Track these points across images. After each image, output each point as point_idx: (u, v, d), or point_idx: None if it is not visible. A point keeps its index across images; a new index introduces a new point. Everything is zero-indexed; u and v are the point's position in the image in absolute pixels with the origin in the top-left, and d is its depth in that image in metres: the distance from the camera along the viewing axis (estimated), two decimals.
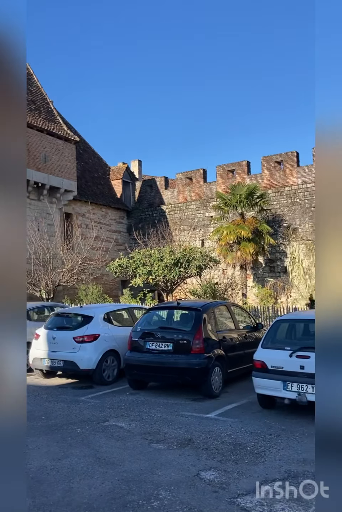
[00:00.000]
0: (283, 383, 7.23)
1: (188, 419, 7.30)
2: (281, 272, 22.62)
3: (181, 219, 26.59)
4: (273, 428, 6.81)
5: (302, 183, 22.50)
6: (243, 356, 9.64)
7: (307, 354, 7.20)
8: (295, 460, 5.57)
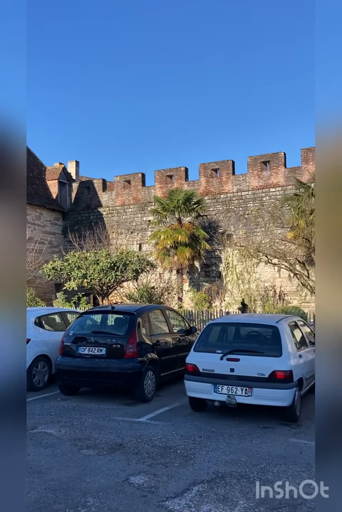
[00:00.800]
0: (213, 385, 7.38)
1: (119, 424, 7.25)
2: (216, 276, 23.13)
3: (119, 222, 26.44)
4: (203, 430, 6.93)
5: (237, 191, 23.18)
6: (176, 360, 9.73)
7: (237, 357, 7.40)
8: (223, 461, 5.69)
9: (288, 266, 19.75)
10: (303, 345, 8.54)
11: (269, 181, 22.51)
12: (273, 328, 7.86)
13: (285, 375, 7.07)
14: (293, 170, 22.13)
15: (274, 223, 21.18)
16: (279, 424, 7.25)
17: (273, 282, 21.30)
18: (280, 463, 5.63)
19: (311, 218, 18.99)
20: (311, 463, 5.61)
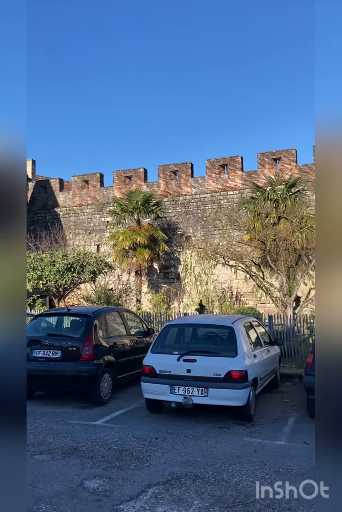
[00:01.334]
0: (170, 387, 7.39)
1: (75, 428, 7.12)
2: (175, 278, 23.24)
3: (76, 222, 26.06)
4: (159, 432, 6.92)
5: (196, 194, 23.39)
6: (134, 362, 9.68)
7: (194, 358, 7.45)
8: (179, 462, 5.71)
9: (245, 267, 20.09)
10: (258, 345, 8.71)
11: (227, 184, 22.85)
12: (228, 328, 7.97)
13: (240, 375, 7.18)
14: (249, 174, 22.57)
15: (231, 226, 21.51)
16: (234, 423, 7.35)
17: (230, 283, 21.63)
18: (234, 462, 5.71)
19: (267, 221, 19.42)
20: (264, 461, 5.73)
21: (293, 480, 5.16)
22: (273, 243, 18.89)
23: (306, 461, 5.71)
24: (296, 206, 19.47)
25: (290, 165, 21.81)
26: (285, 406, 8.48)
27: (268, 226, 19.30)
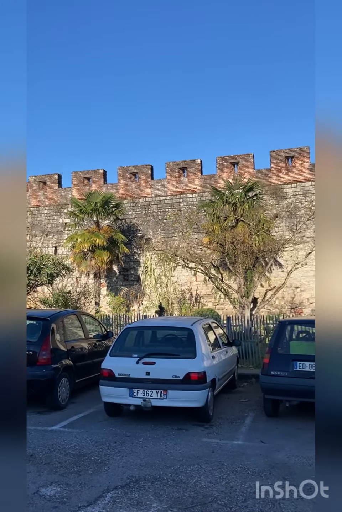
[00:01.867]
0: (129, 390, 7.36)
1: (31, 434, 6.96)
2: (135, 280, 23.17)
3: (33, 224, 25.50)
4: (118, 435, 6.88)
5: (156, 196, 23.44)
6: (92, 366, 9.58)
7: (153, 360, 7.46)
8: (138, 465, 5.70)
9: (204, 270, 20.31)
10: (216, 347, 8.83)
11: (187, 187, 23.03)
12: (187, 330, 8.03)
13: (199, 376, 7.25)
14: (209, 177, 22.85)
15: (191, 228, 21.71)
16: (193, 425, 7.41)
17: (189, 285, 21.80)
18: (193, 463, 5.76)
19: (225, 224, 19.73)
20: (222, 461, 5.81)
21: (250, 478, 5.27)
22: (231, 246, 19.20)
23: (262, 460, 5.83)
24: (253, 209, 19.88)
25: (247, 169, 22.24)
26: (243, 406, 8.64)
27: (227, 229, 19.61)
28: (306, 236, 20.35)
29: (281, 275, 20.27)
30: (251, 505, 4.62)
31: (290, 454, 6.02)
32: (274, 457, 5.92)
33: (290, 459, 5.86)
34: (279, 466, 5.63)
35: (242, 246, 19.08)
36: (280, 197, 21.12)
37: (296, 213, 20.78)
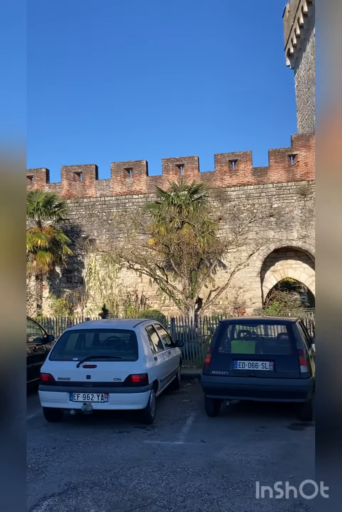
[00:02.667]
0: (69, 394, 7.20)
1: None
2: (78, 282, 22.74)
3: None
4: (57, 441, 6.71)
5: (100, 196, 23.15)
6: (32, 370, 9.25)
7: (94, 364, 7.34)
8: (76, 471, 5.57)
9: (149, 271, 20.31)
10: (159, 348, 8.83)
11: (132, 188, 22.94)
12: (130, 332, 7.98)
13: (141, 378, 7.21)
14: (154, 179, 22.88)
15: (136, 229, 21.64)
16: (135, 427, 7.36)
17: (135, 287, 21.70)
18: (133, 466, 5.71)
19: (171, 226, 19.82)
20: (163, 462, 5.81)
21: (189, 478, 5.30)
22: (177, 247, 19.33)
23: (202, 459, 5.89)
24: (198, 211, 20.12)
25: (192, 171, 22.48)
26: (185, 406, 8.69)
27: (172, 231, 19.71)
28: (249, 238, 20.88)
29: (225, 276, 20.66)
30: (189, 505, 4.65)
31: (230, 452, 6.12)
32: (213, 456, 5.99)
33: (229, 457, 5.95)
34: (218, 464, 5.71)
35: (187, 247, 19.26)
36: (224, 200, 21.53)
37: (239, 215, 21.27)
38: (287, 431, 7.01)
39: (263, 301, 21.09)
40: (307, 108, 23.39)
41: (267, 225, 21.01)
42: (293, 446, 6.36)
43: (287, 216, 20.96)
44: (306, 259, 21.49)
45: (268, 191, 21.30)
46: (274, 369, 7.38)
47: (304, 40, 22.97)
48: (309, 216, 20.75)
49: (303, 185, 20.94)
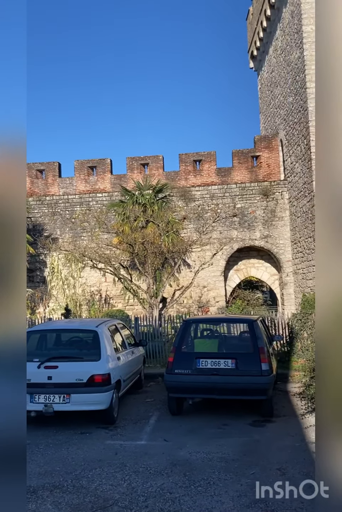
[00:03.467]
0: (30, 395, 7.04)
1: None
2: (41, 282, 22.29)
3: None
4: None
5: (64, 194, 22.80)
6: None
7: (55, 364, 7.22)
8: (36, 474, 5.46)
9: (113, 270, 20.17)
10: (122, 348, 8.78)
11: (96, 186, 22.70)
12: (92, 332, 7.89)
13: (103, 379, 7.15)
14: (119, 177, 22.73)
15: (100, 228, 21.43)
16: (97, 428, 7.29)
17: (99, 286, 21.50)
18: (95, 467, 5.65)
19: (135, 225, 19.76)
20: (125, 462, 5.77)
21: (152, 477, 5.29)
22: (141, 246, 19.29)
23: (165, 458, 5.89)
24: (163, 211, 20.15)
25: (157, 171, 22.47)
26: (148, 406, 8.68)
27: (136, 230, 19.66)
28: (213, 238, 21.08)
29: (189, 275, 20.78)
30: (151, 504, 4.64)
31: (192, 450, 6.15)
32: (176, 455, 6.00)
33: (192, 455, 5.98)
34: (181, 463, 5.73)
35: (152, 246, 19.26)
36: (188, 200, 21.64)
37: (203, 215, 21.43)
38: (249, 428, 7.12)
39: (227, 299, 21.35)
40: (269, 110, 23.82)
41: (230, 225, 21.27)
42: (254, 442, 6.46)
43: (250, 216, 21.29)
44: (268, 259, 21.90)
45: (231, 191, 21.57)
46: (236, 367, 7.47)
47: (267, 43, 23.36)
48: (271, 216, 21.15)
49: (265, 186, 21.31)
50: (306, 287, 18.21)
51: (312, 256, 17.48)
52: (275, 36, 21.84)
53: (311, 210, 17.37)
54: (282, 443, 6.36)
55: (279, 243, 20.97)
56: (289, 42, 19.35)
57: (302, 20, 17.38)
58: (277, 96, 22.20)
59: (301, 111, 18.07)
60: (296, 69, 18.56)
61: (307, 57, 17.26)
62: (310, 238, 17.72)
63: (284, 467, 5.45)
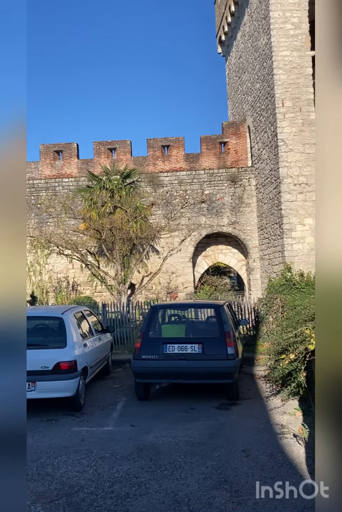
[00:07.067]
0: None
1: None
2: None
3: None
4: None
5: (29, 179, 22.26)
6: None
7: None
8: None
9: (80, 257, 19.95)
10: (89, 334, 8.71)
11: (62, 171, 22.28)
12: (58, 319, 7.79)
13: (69, 366, 7.08)
14: (86, 162, 22.37)
15: (67, 214, 21.09)
16: (64, 415, 7.23)
17: (66, 273, 21.22)
18: (60, 454, 5.61)
19: (102, 210, 19.54)
20: (91, 449, 5.75)
21: (118, 462, 5.29)
22: (109, 232, 19.12)
23: (131, 443, 5.90)
24: (131, 196, 19.99)
25: (125, 156, 22.22)
26: (115, 391, 8.66)
27: (104, 215, 19.45)
28: (181, 224, 21.10)
29: (158, 261, 20.77)
30: (117, 489, 4.65)
31: (159, 435, 6.18)
32: (143, 440, 6.02)
33: (158, 439, 6.02)
34: (147, 447, 5.75)
35: (120, 233, 19.12)
36: (157, 185, 21.53)
37: (172, 201, 21.39)
38: (215, 411, 7.22)
39: (195, 285, 21.48)
40: (237, 96, 23.87)
41: (199, 211, 21.32)
42: (220, 425, 6.55)
43: (218, 202, 21.40)
44: (235, 245, 22.12)
45: (200, 177, 21.59)
46: (203, 351, 7.54)
47: (235, 29, 23.31)
48: (238, 203, 21.32)
49: (233, 172, 21.44)
50: (272, 272, 18.52)
51: (278, 242, 17.76)
52: (243, 21, 21.83)
53: (277, 196, 17.61)
54: (247, 425, 6.48)
55: (246, 229, 21.20)
56: (257, 27, 19.39)
57: (269, 5, 17.41)
58: (244, 82, 22.26)
59: (268, 97, 18.19)
60: (263, 55, 18.63)
61: (274, 43, 17.33)
62: (276, 224, 17.98)
63: (248, 449, 5.55)
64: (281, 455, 5.34)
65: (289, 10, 17.34)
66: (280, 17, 17.33)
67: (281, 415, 6.78)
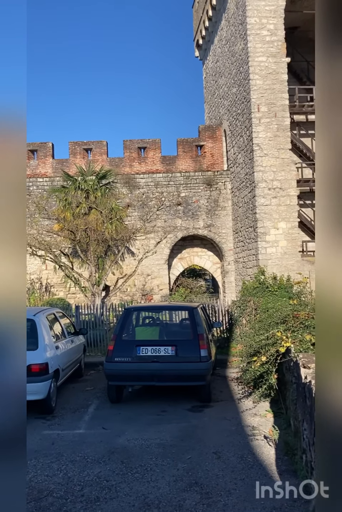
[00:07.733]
0: None
1: None
2: None
3: None
4: None
5: None
6: None
7: None
8: None
9: (53, 258, 19.71)
10: (62, 336, 8.61)
11: (37, 171, 21.98)
12: (30, 321, 7.65)
13: (41, 368, 6.98)
14: (61, 162, 22.14)
15: (40, 214, 20.80)
16: (35, 418, 7.12)
17: (39, 274, 20.92)
18: (30, 458, 5.51)
19: (77, 211, 19.36)
20: (62, 452, 5.68)
21: (89, 466, 5.24)
22: (83, 233, 18.95)
23: (103, 446, 5.85)
24: (106, 197, 19.88)
25: (101, 156, 22.09)
26: (88, 394, 8.58)
27: (79, 216, 19.27)
28: (157, 226, 21.10)
29: (133, 263, 20.71)
30: (87, 493, 4.60)
31: (130, 437, 6.15)
32: (114, 443, 5.98)
33: (130, 442, 5.98)
34: (119, 450, 5.71)
35: (94, 234, 18.98)
36: (133, 187, 21.48)
37: (148, 203, 21.37)
38: (187, 414, 7.22)
39: (170, 287, 21.50)
40: (214, 100, 24.04)
41: (174, 214, 21.37)
42: (192, 427, 6.56)
43: (194, 205, 21.49)
44: (211, 247, 22.25)
45: (176, 180, 21.64)
46: (176, 353, 7.54)
47: (212, 33, 23.49)
48: (214, 206, 21.46)
49: (209, 175, 21.57)
50: (246, 275, 18.71)
51: (252, 245, 17.96)
52: (220, 26, 22.02)
53: (252, 200, 17.81)
54: (218, 427, 6.51)
55: (221, 232, 21.35)
56: (234, 33, 19.59)
57: (246, 11, 17.62)
58: (221, 86, 22.45)
59: (244, 102, 18.40)
60: (240, 60, 18.84)
61: (250, 49, 17.54)
62: (250, 228, 18.18)
63: (219, 451, 5.58)
64: (252, 457, 5.39)
65: (265, 16, 17.58)
66: (257, 24, 17.55)
67: (253, 417, 6.84)
